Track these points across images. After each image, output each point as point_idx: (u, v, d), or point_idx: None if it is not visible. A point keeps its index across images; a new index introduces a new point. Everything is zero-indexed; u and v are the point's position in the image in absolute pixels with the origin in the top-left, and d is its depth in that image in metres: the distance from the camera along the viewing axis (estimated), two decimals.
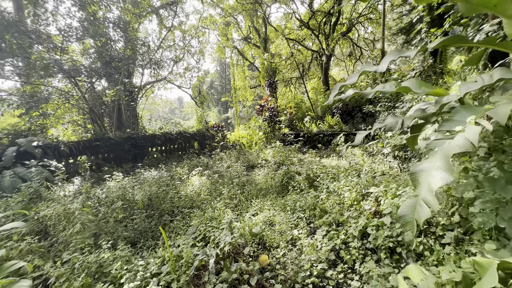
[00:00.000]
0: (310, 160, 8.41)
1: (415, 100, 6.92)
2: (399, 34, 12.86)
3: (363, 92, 3.20)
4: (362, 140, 9.75)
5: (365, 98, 13.52)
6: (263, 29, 19.36)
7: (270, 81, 12.33)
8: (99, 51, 9.40)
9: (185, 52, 14.29)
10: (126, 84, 9.82)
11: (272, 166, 7.51)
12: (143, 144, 9.39)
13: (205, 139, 11.75)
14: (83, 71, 8.51)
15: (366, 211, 3.39)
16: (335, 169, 6.04)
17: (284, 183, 5.36)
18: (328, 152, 9.58)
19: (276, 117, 12.18)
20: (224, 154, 9.22)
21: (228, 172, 6.64)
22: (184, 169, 7.13)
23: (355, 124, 12.53)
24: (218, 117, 37.40)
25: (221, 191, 5.29)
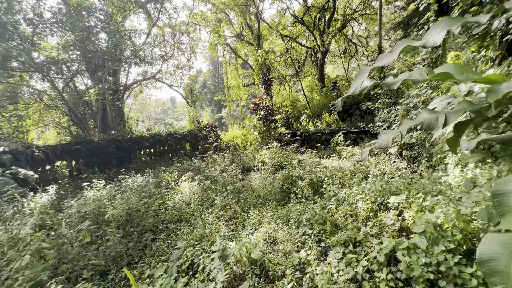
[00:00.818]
0: (310, 161, 7.81)
1: (423, 94, 6.39)
2: (396, 29, 12.38)
3: (385, 82, 2.58)
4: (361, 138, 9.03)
5: (362, 95, 13.03)
6: (256, 26, 18.68)
7: (264, 78, 11.70)
8: (80, 46, 8.59)
9: (175, 49, 13.51)
10: (111, 82, 9.03)
11: (269, 168, 6.88)
12: (129, 147, 8.64)
13: (197, 140, 11.04)
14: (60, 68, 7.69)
15: (389, 227, 2.78)
16: (340, 172, 5.44)
17: (284, 189, 4.73)
18: (327, 152, 9.00)
19: (272, 115, 11.55)
20: (217, 156, 8.54)
21: (221, 177, 5.97)
22: (173, 174, 6.43)
23: (353, 122, 12.01)
24: (211, 117, 36.58)
25: (213, 200, 4.63)
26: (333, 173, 5.37)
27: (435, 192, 3.35)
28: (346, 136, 9.98)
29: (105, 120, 10.21)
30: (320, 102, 14.18)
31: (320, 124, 12.14)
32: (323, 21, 16.54)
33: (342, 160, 7.88)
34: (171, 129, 10.39)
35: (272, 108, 11.55)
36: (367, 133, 10.13)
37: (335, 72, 23.51)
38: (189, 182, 5.86)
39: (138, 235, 3.46)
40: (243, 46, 20.67)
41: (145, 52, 10.20)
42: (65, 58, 8.03)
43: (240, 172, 6.95)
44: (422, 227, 2.36)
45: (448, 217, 2.29)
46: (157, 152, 9.74)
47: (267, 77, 11.74)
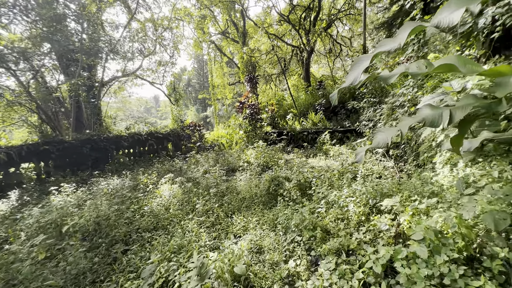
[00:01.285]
0: (297, 161, 7.60)
1: (409, 93, 6.33)
2: (380, 29, 12.45)
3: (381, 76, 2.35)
4: (347, 137, 8.91)
5: (348, 94, 13.04)
6: (241, 23, 18.33)
7: (250, 76, 11.38)
8: (50, 38, 7.89)
9: (156, 45, 12.90)
10: (84, 78, 8.38)
11: (255, 169, 6.59)
12: (105, 147, 8.05)
13: (180, 139, 10.56)
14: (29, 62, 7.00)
15: (384, 232, 2.57)
16: (328, 172, 5.24)
17: (271, 191, 4.46)
18: (314, 151, 8.84)
19: (258, 114, 11.27)
20: (200, 156, 8.15)
21: (204, 178, 5.61)
22: (153, 176, 5.99)
23: (339, 121, 11.97)
24: (196, 115, 35.81)
25: (195, 204, 4.28)
26: (321, 173, 5.16)
27: (427, 192, 3.19)
28: (332, 135, 9.88)
29: (80, 119, 9.52)
30: (306, 101, 14.07)
31: (306, 123, 12.00)
32: (308, 20, 16.47)
33: (329, 160, 7.74)
34: (152, 128, 9.84)
35: (258, 107, 11.27)
36: (353, 132, 10.08)
37: (320, 71, 23.61)
38: (170, 184, 5.45)
39: (107, 247, 3.05)
40: (229, 44, 20.25)
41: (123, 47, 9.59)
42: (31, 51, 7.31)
43: (225, 173, 6.62)
44: (421, 234, 2.16)
45: (449, 222, 2.10)
46: (137, 153, 9.18)
47: (253, 75, 11.44)
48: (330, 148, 8.53)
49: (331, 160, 7.68)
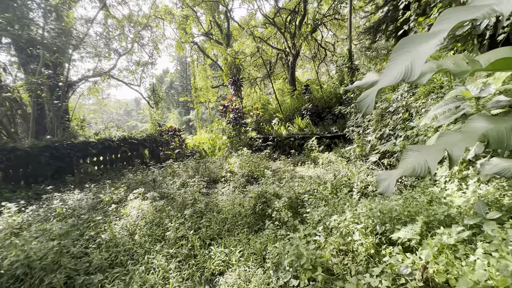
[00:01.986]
0: (284, 169, 7.01)
1: (404, 99, 5.94)
2: (366, 34, 12.28)
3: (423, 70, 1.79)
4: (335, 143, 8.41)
5: (334, 99, 12.72)
6: (225, 25, 17.69)
7: (234, 78, 10.73)
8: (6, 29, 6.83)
9: (134, 44, 11.92)
10: (44, 76, 7.33)
11: (239, 180, 5.91)
12: (69, 155, 7.04)
13: (158, 146, 9.65)
14: None
15: (405, 277, 1.98)
16: (321, 185, 4.66)
17: (257, 211, 3.79)
18: (302, 158, 8.29)
19: (242, 119, 10.62)
20: (179, 165, 7.34)
21: (181, 193, 4.84)
22: (120, 191, 5.13)
23: (326, 126, 11.58)
24: (179, 119, 34.54)
25: (167, 227, 3.53)
26: (312, 186, 4.57)
27: (441, 215, 2.67)
28: (319, 141, 9.41)
29: (42, 122, 8.39)
30: (292, 105, 13.62)
31: (292, 128, 11.50)
32: (294, 24, 16.14)
33: (319, 168, 7.21)
34: (126, 133, 8.88)
35: (242, 111, 10.63)
36: (341, 138, 9.68)
37: (305, 76, 23.41)
38: (140, 200, 4.64)
39: None
40: (212, 46, 19.50)
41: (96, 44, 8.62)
42: None
43: (205, 185, 5.88)
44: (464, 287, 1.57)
45: (505, 274, 1.53)
46: (108, 161, 8.19)
47: (237, 77, 10.81)
48: (318, 156, 8.02)
49: (320, 168, 7.16)
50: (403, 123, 5.81)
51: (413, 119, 5.66)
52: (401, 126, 5.76)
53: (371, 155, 6.67)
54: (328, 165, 7.30)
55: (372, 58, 24.47)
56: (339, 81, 14.58)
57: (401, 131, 5.49)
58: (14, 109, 7.75)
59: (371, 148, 6.52)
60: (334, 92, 12.57)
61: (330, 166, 7.10)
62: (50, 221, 3.94)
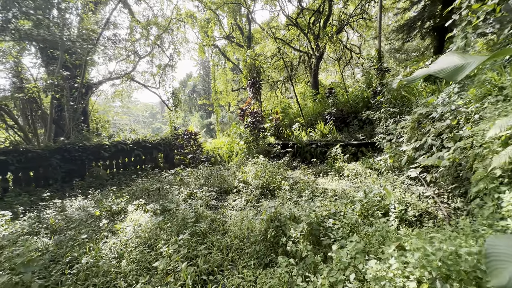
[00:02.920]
0: (304, 180, 6.20)
1: (452, 103, 4.90)
2: (398, 32, 11.13)
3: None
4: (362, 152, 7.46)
5: (361, 103, 11.63)
6: (247, 27, 17.29)
7: (252, 80, 10.11)
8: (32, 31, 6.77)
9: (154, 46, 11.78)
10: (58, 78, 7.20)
11: (253, 192, 5.22)
12: (81, 158, 6.79)
13: (172, 149, 9.25)
14: None
15: None
16: (347, 204, 3.82)
17: (269, 238, 3.06)
18: (324, 168, 7.40)
19: (260, 123, 9.95)
20: (191, 171, 6.80)
21: (184, 207, 4.24)
22: (122, 200, 4.65)
23: (351, 132, 10.54)
24: (200, 122, 34.75)
25: (160, 253, 2.93)
26: (338, 206, 3.73)
27: None
28: (344, 148, 8.46)
29: (61, 124, 8.34)
30: (314, 109, 12.71)
31: (314, 134, 10.62)
32: (317, 25, 15.29)
33: (344, 180, 6.31)
34: (140, 136, 8.58)
35: (261, 115, 9.96)
36: (369, 146, 8.64)
37: (328, 79, 22.29)
38: (140, 212, 4.11)
39: None
40: (234, 49, 19.19)
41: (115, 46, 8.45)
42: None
43: (215, 196, 5.25)
44: None
45: None
46: (121, 164, 7.90)
47: (256, 79, 10.18)
48: (344, 166, 7.11)
49: (346, 181, 6.25)
50: (450, 132, 4.80)
51: (463, 127, 4.64)
52: (448, 135, 4.74)
53: (407, 168, 5.67)
54: (355, 177, 6.38)
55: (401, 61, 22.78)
56: (366, 84, 13.44)
57: (449, 141, 4.48)
58: (34, 110, 7.74)
59: (408, 160, 5.51)
60: (361, 96, 11.49)
61: (357, 179, 6.18)
62: (39, 235, 3.52)
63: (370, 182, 5.73)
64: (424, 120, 6.16)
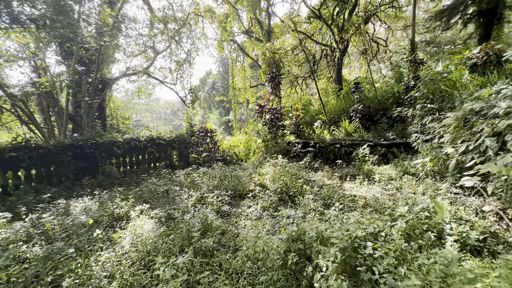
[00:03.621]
0: (329, 185, 5.46)
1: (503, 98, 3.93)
2: (436, 19, 9.88)
3: None
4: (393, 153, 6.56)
5: (391, 99, 10.52)
6: (266, 22, 16.58)
7: (272, 75, 9.41)
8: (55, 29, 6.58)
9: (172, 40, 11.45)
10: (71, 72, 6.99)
11: (270, 197, 4.58)
12: (93, 155, 6.54)
13: (187, 147, 8.85)
14: None
15: None
16: (389, 221, 3.06)
17: (290, 265, 2.41)
18: (350, 170, 6.57)
19: (279, 120, 9.25)
20: (204, 171, 6.30)
21: (194, 211, 3.71)
22: (128, 203, 4.22)
23: (380, 131, 9.53)
24: (219, 119, 34.59)
25: (157, 275, 2.40)
26: (374, 220, 2.99)
27: None
28: (372, 149, 7.55)
29: (77, 121, 8.21)
30: (337, 106, 11.76)
31: (338, 132, 9.74)
32: (342, 17, 14.20)
33: (375, 186, 5.48)
34: (155, 133, 8.26)
35: (280, 111, 9.26)
36: (401, 147, 7.67)
37: (352, 75, 20.97)
38: (145, 218, 3.64)
39: None
40: (253, 44, 18.56)
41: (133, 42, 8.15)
42: None
43: (228, 200, 4.69)
44: None
45: None
46: (134, 162, 7.61)
47: (275, 73, 9.47)
48: (373, 169, 6.25)
49: (377, 187, 5.42)
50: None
51: None
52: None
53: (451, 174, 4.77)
54: (387, 182, 5.52)
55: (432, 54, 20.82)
56: (396, 78, 12.23)
57: None
58: (51, 106, 7.64)
59: (456, 164, 4.59)
60: (390, 91, 10.39)
61: (391, 185, 5.32)
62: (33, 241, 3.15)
63: (408, 189, 4.87)
64: (473, 117, 5.18)
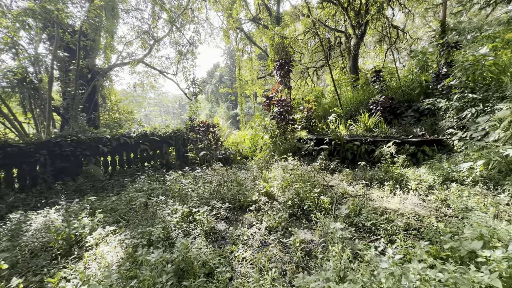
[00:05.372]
0: (353, 193, 4.32)
1: None
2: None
3: None
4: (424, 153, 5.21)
5: (418, 88, 9.11)
6: (275, 8, 15.19)
7: (281, 61, 8.18)
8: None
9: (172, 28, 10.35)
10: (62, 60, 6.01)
11: (279, 212, 3.50)
12: (74, 154, 5.61)
13: (185, 144, 7.82)
14: None
15: None
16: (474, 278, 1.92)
17: None
18: (374, 172, 5.37)
19: (289, 114, 8.09)
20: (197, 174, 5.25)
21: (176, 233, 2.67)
22: (93, 222, 3.22)
23: (404, 126, 8.22)
24: (226, 113, 33.54)
25: None
26: (441, 263, 1.86)
27: None
28: (399, 147, 6.31)
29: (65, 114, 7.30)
30: (353, 98, 10.45)
31: (356, 127, 8.48)
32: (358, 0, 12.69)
33: (410, 195, 4.29)
34: (148, 129, 7.28)
35: (289, 104, 8.08)
36: (433, 144, 6.40)
37: (366, 65, 19.34)
38: (113, 246, 2.64)
39: None
40: (260, 33, 17.22)
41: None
42: None
43: (225, 215, 3.63)
44: None
45: None
46: (125, 161, 6.67)
47: (285, 60, 8.24)
48: (405, 172, 5.04)
49: (413, 196, 4.24)
50: None
51: None
52: None
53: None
54: (427, 192, 4.33)
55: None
56: (420, 67, 10.76)
57: None
58: (32, 97, 6.73)
59: None
60: (417, 80, 8.98)
61: (432, 195, 4.12)
62: None
63: (459, 202, 3.66)
64: None
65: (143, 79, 12.67)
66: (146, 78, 12.41)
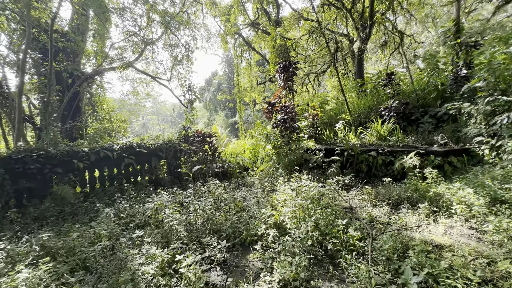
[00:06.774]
0: (380, 220, 3.38)
1: None
2: None
3: None
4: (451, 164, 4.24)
5: (435, 92, 8.27)
6: (275, 12, 14.56)
7: (284, 63, 7.33)
8: None
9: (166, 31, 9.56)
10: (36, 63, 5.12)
11: (295, 256, 2.53)
12: (41, 172, 4.66)
13: (177, 157, 6.86)
14: None
15: None
16: None
17: None
18: (402, 191, 4.42)
19: (293, 121, 7.20)
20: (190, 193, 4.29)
21: None
22: (38, 272, 2.25)
23: (422, 133, 7.34)
24: (225, 121, 32.69)
25: None
26: None
27: None
28: (422, 158, 5.40)
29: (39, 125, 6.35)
30: (361, 104, 9.60)
31: (368, 136, 7.59)
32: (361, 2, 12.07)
33: (453, 221, 3.35)
34: (135, 139, 6.35)
35: (294, 110, 7.20)
36: (462, 155, 5.52)
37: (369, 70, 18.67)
38: None
39: None
40: (259, 38, 16.57)
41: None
42: None
43: (221, 259, 2.66)
44: None
45: None
46: (106, 178, 5.70)
47: (288, 62, 7.40)
48: (441, 192, 4.10)
49: (460, 225, 3.30)
50: None
51: None
52: None
53: None
54: (477, 218, 3.39)
55: None
56: (430, 68, 10.00)
57: None
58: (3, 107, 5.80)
59: None
60: (433, 83, 8.15)
61: (490, 225, 3.18)
62: None
63: None
64: None
65: (136, 86, 11.82)
66: (138, 84, 11.55)
